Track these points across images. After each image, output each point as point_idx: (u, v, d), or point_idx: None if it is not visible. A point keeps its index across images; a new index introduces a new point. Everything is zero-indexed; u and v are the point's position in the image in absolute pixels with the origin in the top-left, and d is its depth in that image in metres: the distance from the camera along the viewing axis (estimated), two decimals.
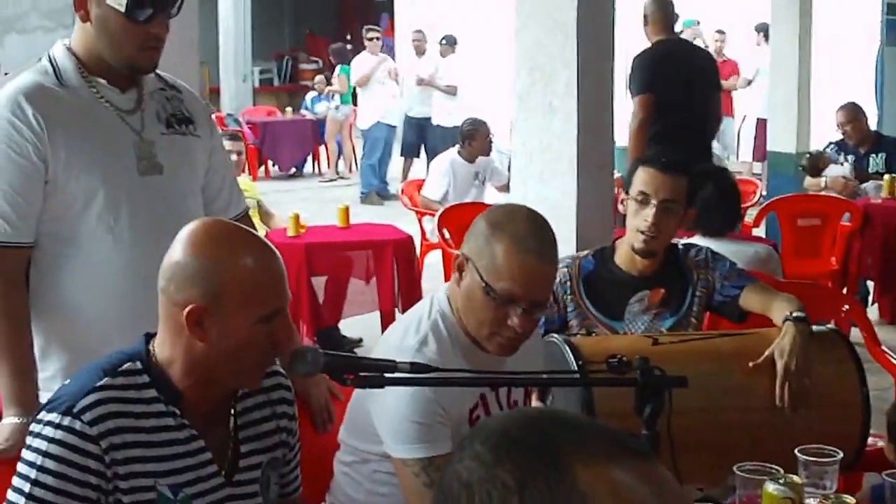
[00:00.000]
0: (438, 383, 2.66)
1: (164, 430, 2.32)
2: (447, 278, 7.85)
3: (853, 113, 8.51)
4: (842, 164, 8.43)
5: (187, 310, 2.26)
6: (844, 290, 7.29)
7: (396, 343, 2.84)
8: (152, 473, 2.29)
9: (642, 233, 3.74)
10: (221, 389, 2.41)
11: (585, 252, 4.00)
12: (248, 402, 2.47)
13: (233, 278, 2.27)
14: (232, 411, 2.45)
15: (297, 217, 7.04)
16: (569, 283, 3.86)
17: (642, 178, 3.77)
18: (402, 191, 9.92)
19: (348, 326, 7.37)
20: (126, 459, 2.26)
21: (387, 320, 6.79)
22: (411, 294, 6.84)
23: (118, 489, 2.26)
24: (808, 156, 8.76)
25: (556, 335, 3.42)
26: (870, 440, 4.42)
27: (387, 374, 2.46)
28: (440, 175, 9.22)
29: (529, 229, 2.74)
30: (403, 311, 6.85)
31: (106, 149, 2.98)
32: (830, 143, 8.75)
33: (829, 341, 3.48)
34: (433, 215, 8.19)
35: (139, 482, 2.28)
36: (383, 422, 2.82)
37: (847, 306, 4.75)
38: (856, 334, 4.68)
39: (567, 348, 3.23)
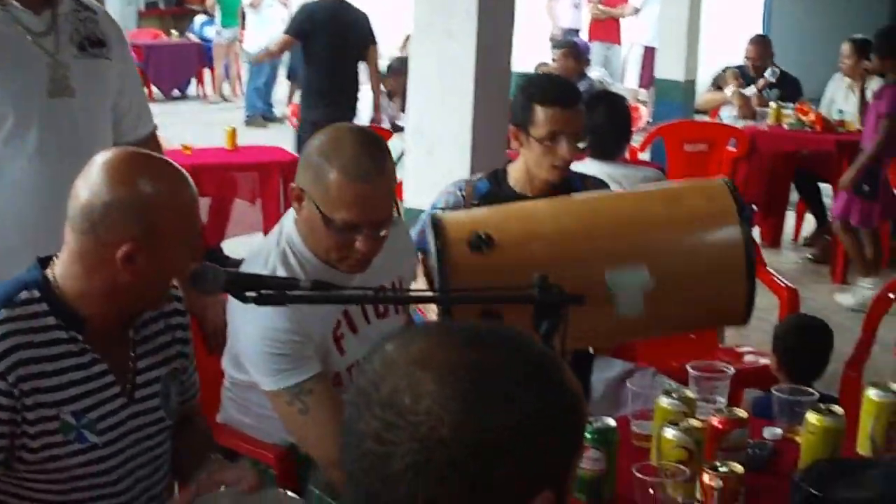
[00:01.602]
0: (340, 300, 2.69)
1: (66, 357, 2.30)
2: None
3: (763, 46, 8.76)
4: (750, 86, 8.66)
5: (123, 248, 2.23)
6: None
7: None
8: (56, 402, 2.28)
9: (558, 168, 3.77)
10: (128, 314, 2.41)
11: (478, 175, 4.01)
12: (144, 317, 2.47)
13: (167, 212, 2.26)
14: (130, 331, 2.45)
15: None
16: (462, 206, 3.88)
17: (547, 118, 3.75)
18: (291, 113, 9.85)
19: (234, 247, 7.34)
20: (32, 390, 2.24)
21: None
22: None
23: (25, 420, 2.24)
24: (723, 71, 8.98)
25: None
26: (750, 358, 4.57)
27: (289, 293, 2.46)
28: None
29: (357, 153, 2.71)
30: None
31: (17, 71, 2.95)
32: (728, 68, 8.96)
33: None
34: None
35: (43, 412, 2.26)
36: (247, 358, 2.85)
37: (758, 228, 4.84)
38: None
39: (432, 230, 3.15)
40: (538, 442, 1.16)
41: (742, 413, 2.64)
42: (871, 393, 2.74)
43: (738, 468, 2.33)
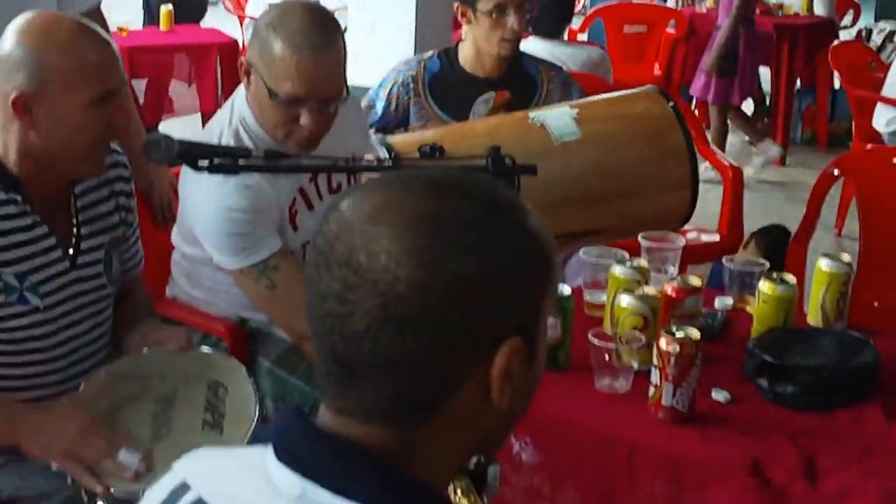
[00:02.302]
0: (293, 169, 2.67)
1: (6, 219, 2.30)
2: None
3: None
4: None
5: (12, 96, 2.22)
6: None
7: None
8: None
9: (508, 40, 3.75)
10: (61, 177, 2.38)
11: (430, 53, 3.98)
12: (87, 184, 2.45)
13: (55, 60, 2.23)
14: (72, 196, 2.43)
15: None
16: (412, 86, 3.85)
17: None
18: None
19: (170, 130, 7.28)
20: None
21: (208, 120, 6.76)
22: None
23: None
24: None
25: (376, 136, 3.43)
26: (693, 235, 4.60)
27: (241, 162, 2.43)
28: None
29: (304, 25, 2.66)
30: None
31: None
32: None
33: (665, 133, 3.57)
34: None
35: None
36: (207, 241, 2.81)
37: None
38: None
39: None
40: (499, 290, 1.14)
41: (696, 281, 2.65)
42: (823, 263, 2.77)
43: (695, 333, 2.34)
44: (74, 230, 2.42)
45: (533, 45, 5.05)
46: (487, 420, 1.19)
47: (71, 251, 2.40)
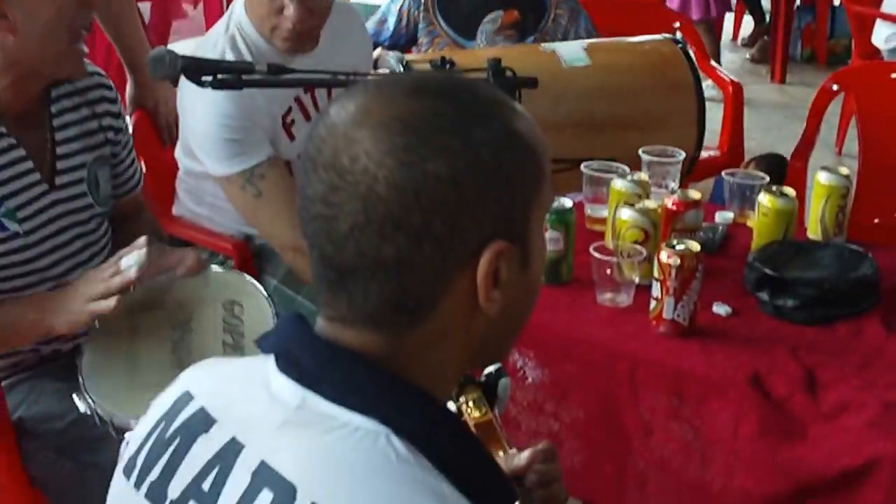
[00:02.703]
0: (296, 84, 2.66)
1: None
2: None
3: None
4: None
5: None
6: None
7: None
8: None
9: None
10: (40, 83, 2.36)
11: None
12: (65, 104, 2.43)
13: None
14: (49, 117, 2.41)
15: None
16: (422, 1, 3.83)
17: None
18: None
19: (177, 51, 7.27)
20: None
21: None
22: None
23: None
24: None
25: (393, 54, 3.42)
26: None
27: (244, 77, 2.43)
28: None
29: None
30: None
31: None
32: None
33: (672, 65, 3.61)
34: None
35: None
36: (200, 146, 2.83)
37: (678, 23, 4.80)
38: None
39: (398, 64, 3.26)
40: (481, 192, 1.12)
41: (696, 195, 2.65)
42: (821, 177, 2.77)
43: (695, 245, 2.34)
44: (50, 148, 2.39)
45: None
46: (480, 328, 1.18)
47: (48, 171, 2.38)
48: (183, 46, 2.83)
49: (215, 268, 2.47)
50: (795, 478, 2.13)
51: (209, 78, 2.31)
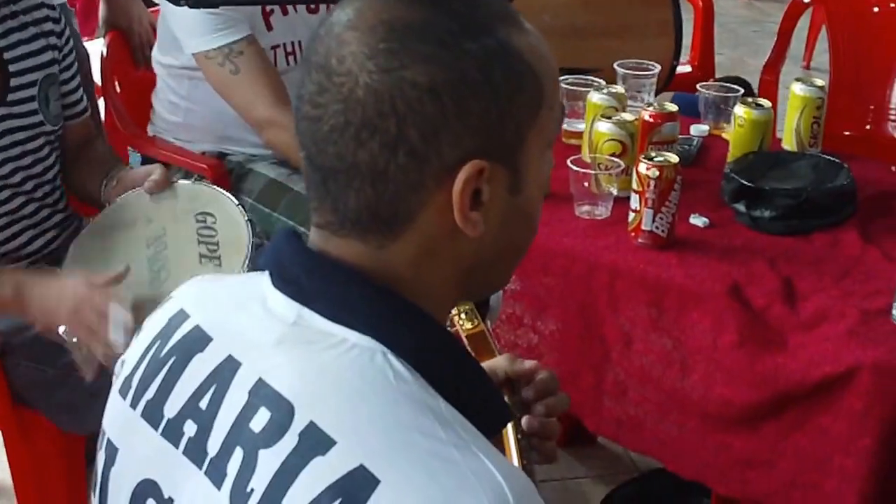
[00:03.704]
0: (272, 2, 2.65)
1: None
2: None
3: None
4: None
5: None
6: None
7: None
8: None
9: None
10: None
11: None
12: (8, 24, 2.42)
13: None
14: None
15: None
16: None
17: None
18: None
19: None
20: None
21: None
22: None
23: None
24: None
25: None
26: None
27: None
28: None
29: None
30: None
31: None
32: None
33: None
34: None
35: None
36: (180, 26, 2.82)
37: None
38: None
39: None
40: (460, 107, 1.08)
41: (672, 107, 2.64)
42: (797, 88, 2.76)
43: (673, 157, 2.33)
44: (2, 67, 2.37)
45: None
46: (468, 250, 1.15)
47: (2, 90, 2.37)
48: None
49: (182, 181, 2.44)
50: (775, 386, 2.14)
51: None
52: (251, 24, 2.80)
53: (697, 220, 2.46)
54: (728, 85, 3.03)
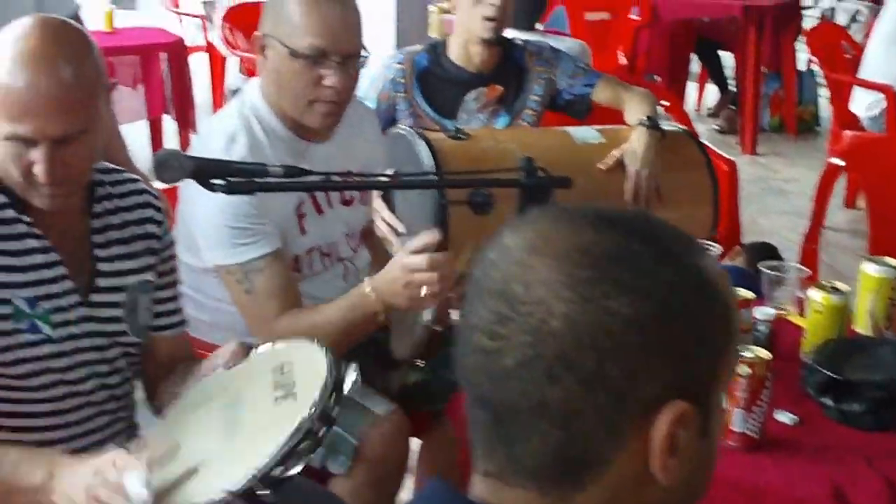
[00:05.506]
0: (308, 188, 2.53)
1: (16, 239, 2.12)
2: (215, 80, 7.61)
3: None
4: None
5: None
6: None
7: (199, 148, 2.68)
8: (8, 284, 2.09)
9: (490, 18, 3.60)
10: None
11: (417, 48, 3.81)
12: (112, 220, 2.25)
13: None
14: (90, 231, 2.23)
15: None
16: (402, 81, 3.68)
17: None
18: None
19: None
20: None
21: (156, 127, 6.70)
22: (183, 98, 6.71)
23: None
24: None
25: (405, 129, 3.28)
26: None
27: (257, 180, 2.27)
28: None
29: None
30: (177, 117, 6.66)
31: None
32: None
33: (681, 143, 3.49)
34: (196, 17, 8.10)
35: None
36: (201, 233, 2.68)
37: (667, 102, 4.69)
38: None
39: (421, 142, 3.12)
40: (664, 340, 1.00)
41: (747, 293, 2.48)
42: (870, 269, 2.62)
43: (765, 353, 2.17)
44: (90, 263, 2.21)
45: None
46: (652, 499, 1.05)
47: (85, 284, 2.20)
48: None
49: (261, 348, 2.22)
50: None
51: (220, 182, 2.18)
52: (284, 231, 2.67)
53: (783, 417, 2.29)
54: (789, 264, 2.88)
